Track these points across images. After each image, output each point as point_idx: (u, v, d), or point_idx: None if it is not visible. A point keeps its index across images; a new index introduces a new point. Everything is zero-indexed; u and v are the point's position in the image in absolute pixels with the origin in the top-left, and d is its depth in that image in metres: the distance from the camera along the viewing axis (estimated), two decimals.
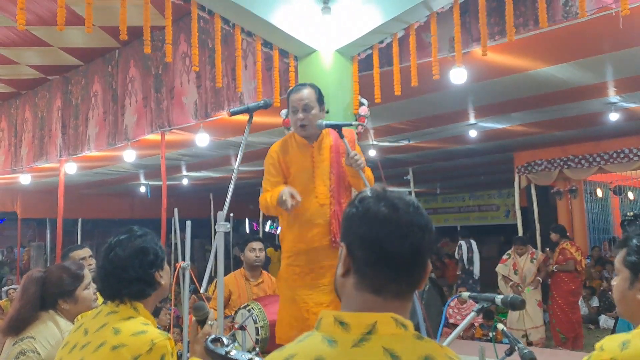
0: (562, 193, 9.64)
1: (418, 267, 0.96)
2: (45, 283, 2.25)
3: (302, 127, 2.72)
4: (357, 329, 0.91)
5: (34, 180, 9.17)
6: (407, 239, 0.93)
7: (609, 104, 6.27)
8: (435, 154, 9.18)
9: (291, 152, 2.80)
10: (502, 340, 2.89)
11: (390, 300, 0.95)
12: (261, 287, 4.03)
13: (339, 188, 2.75)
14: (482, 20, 3.41)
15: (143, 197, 13.00)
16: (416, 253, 0.95)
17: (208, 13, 3.60)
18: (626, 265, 1.50)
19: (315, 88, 2.78)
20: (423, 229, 0.95)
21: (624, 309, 1.53)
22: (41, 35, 5.24)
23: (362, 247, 0.96)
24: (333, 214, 2.70)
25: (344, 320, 0.93)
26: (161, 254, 1.72)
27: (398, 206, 0.96)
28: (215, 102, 4.92)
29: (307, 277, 2.73)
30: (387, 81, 3.87)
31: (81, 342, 1.57)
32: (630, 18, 3.08)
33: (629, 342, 1.35)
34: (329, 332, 0.93)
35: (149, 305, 1.68)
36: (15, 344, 2.12)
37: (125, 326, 1.55)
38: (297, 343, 0.96)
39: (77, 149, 6.41)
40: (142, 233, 1.72)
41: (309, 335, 0.96)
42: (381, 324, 0.91)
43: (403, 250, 0.93)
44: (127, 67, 5.79)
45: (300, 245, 2.73)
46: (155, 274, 1.68)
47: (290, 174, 2.77)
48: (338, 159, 2.76)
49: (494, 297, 2.07)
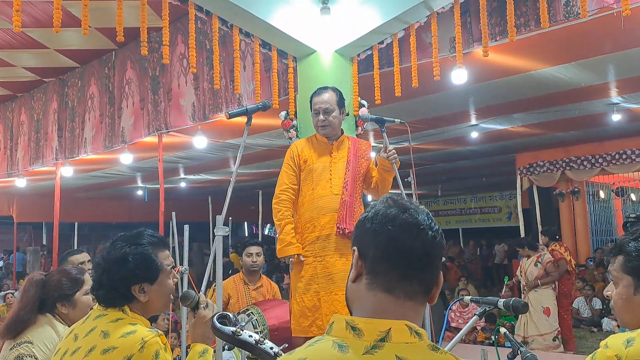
0: (564, 195, 9.60)
1: (429, 267, 0.95)
2: (46, 286, 2.23)
3: (322, 128, 2.96)
4: (370, 335, 0.88)
5: (30, 183, 9.12)
6: (419, 237, 0.94)
7: (611, 105, 6.24)
8: (436, 155, 9.15)
9: (312, 147, 3.02)
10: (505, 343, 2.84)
11: (403, 301, 0.93)
12: (260, 292, 3.98)
13: (353, 183, 2.95)
14: (483, 20, 3.37)
15: (140, 201, 12.96)
16: (427, 253, 0.94)
17: (206, 14, 3.55)
18: (627, 272, 1.46)
19: (337, 91, 3.00)
20: (434, 232, 0.96)
21: (629, 316, 1.48)
22: (37, 37, 5.20)
23: (373, 244, 0.96)
24: (343, 203, 2.89)
25: (357, 326, 0.90)
26: (145, 270, 1.59)
27: (408, 208, 0.97)
28: (213, 104, 4.88)
29: (318, 266, 2.87)
30: (388, 82, 3.82)
31: (72, 347, 1.55)
32: (632, 18, 3.05)
33: (633, 339, 1.34)
34: (341, 337, 0.90)
35: (137, 310, 1.61)
36: (12, 348, 2.09)
37: (113, 328, 1.52)
38: (308, 347, 0.92)
39: (74, 152, 6.37)
40: (138, 242, 1.62)
41: (319, 340, 0.92)
42: (395, 331, 0.88)
43: (414, 247, 0.93)
44: (124, 69, 5.74)
45: (312, 234, 2.90)
46: (133, 288, 1.58)
47: (305, 166, 2.98)
48: (355, 161, 2.98)
49: (497, 301, 2.03)
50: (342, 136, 3.05)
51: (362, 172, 3.01)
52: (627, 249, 1.47)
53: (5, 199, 11.59)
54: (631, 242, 1.47)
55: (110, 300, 1.59)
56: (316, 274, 2.86)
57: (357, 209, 2.94)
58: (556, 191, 9.69)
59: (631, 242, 1.47)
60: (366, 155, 3.06)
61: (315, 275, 2.86)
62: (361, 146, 3.07)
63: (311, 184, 2.95)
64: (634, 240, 1.47)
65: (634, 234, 1.50)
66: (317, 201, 2.90)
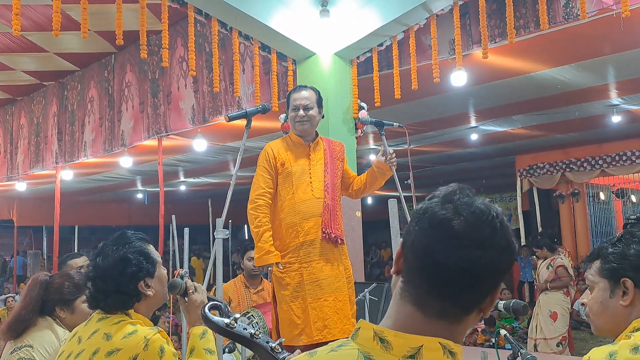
0: (564, 196, 9.59)
1: (471, 288, 0.82)
2: (48, 288, 2.24)
3: (300, 123, 2.83)
4: (399, 351, 0.81)
5: (30, 187, 9.12)
6: (460, 252, 0.81)
7: (610, 106, 6.24)
8: (436, 157, 9.14)
9: (288, 149, 2.88)
10: (505, 346, 2.83)
11: (433, 319, 0.83)
12: (261, 295, 3.97)
13: (333, 186, 2.85)
14: (483, 22, 3.37)
15: (140, 204, 12.95)
16: (468, 271, 0.81)
17: (205, 17, 3.56)
18: (603, 275, 1.46)
19: (316, 91, 2.90)
20: (485, 247, 0.81)
21: (605, 321, 1.47)
22: (37, 40, 5.20)
23: (412, 248, 0.85)
24: (326, 207, 2.77)
25: (386, 338, 0.82)
26: (146, 264, 1.63)
27: (462, 212, 0.83)
28: (212, 107, 4.88)
29: (305, 273, 2.74)
30: (387, 84, 3.82)
31: (75, 350, 1.56)
32: (631, 20, 3.05)
33: (616, 353, 1.32)
34: (367, 348, 0.83)
35: (140, 311, 1.64)
36: (13, 351, 2.10)
37: (115, 330, 1.54)
38: (330, 351, 0.85)
39: (73, 156, 6.36)
40: (128, 241, 1.65)
41: (343, 345, 0.85)
42: (427, 349, 0.81)
43: (450, 263, 0.81)
44: (124, 72, 5.74)
45: (295, 240, 2.77)
46: (139, 284, 1.61)
47: (283, 170, 2.85)
48: (332, 162, 2.88)
49: (497, 303, 2.02)
50: (317, 137, 2.94)
51: (338, 174, 2.93)
52: (604, 253, 1.48)
53: (5, 203, 11.58)
54: (610, 247, 1.48)
55: (122, 304, 1.60)
56: (303, 281, 2.74)
57: (339, 212, 2.87)
58: (556, 193, 9.68)
59: (610, 247, 1.48)
60: (340, 156, 2.98)
61: (302, 282, 2.74)
62: (335, 147, 2.98)
63: (291, 188, 2.82)
64: (613, 245, 1.48)
65: (611, 240, 1.51)
66: (298, 206, 2.78)
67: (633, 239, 1.47)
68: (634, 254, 1.44)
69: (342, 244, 2.80)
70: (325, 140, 2.97)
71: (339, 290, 2.74)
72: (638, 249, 1.44)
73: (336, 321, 2.72)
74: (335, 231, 2.76)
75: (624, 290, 1.42)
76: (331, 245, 2.75)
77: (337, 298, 2.73)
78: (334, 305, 2.72)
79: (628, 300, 1.42)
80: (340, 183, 2.94)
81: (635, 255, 1.44)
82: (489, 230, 0.82)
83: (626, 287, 1.42)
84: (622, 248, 1.46)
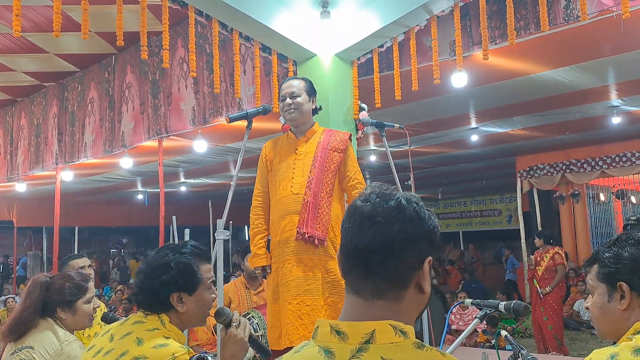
0: (564, 197, 9.60)
1: (392, 260, 0.90)
2: (49, 289, 2.25)
3: (288, 112, 2.70)
4: (355, 339, 0.87)
5: (30, 188, 9.12)
6: (371, 229, 0.90)
7: (611, 108, 6.24)
8: (436, 158, 9.14)
9: (279, 146, 2.82)
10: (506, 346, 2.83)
11: (374, 301, 0.90)
12: (261, 296, 3.98)
13: (318, 182, 2.62)
14: (483, 23, 3.37)
15: (141, 205, 12.94)
16: (383, 244, 0.89)
17: (205, 18, 3.55)
18: (601, 279, 1.47)
19: (308, 81, 2.80)
20: (392, 220, 0.90)
21: (605, 326, 1.48)
22: (37, 41, 5.20)
23: (341, 246, 0.95)
24: (305, 204, 2.58)
25: (341, 330, 0.89)
26: (183, 279, 1.59)
27: (370, 198, 0.93)
28: (213, 108, 4.87)
29: (279, 273, 2.63)
30: (388, 85, 3.82)
31: (106, 347, 1.57)
32: (632, 21, 3.05)
33: (617, 354, 1.32)
34: (326, 342, 0.89)
35: (174, 321, 1.62)
36: (14, 353, 2.10)
37: (148, 337, 1.53)
38: (294, 354, 0.92)
39: (74, 156, 6.36)
40: (182, 251, 1.63)
41: (305, 345, 0.92)
42: (379, 332, 0.87)
43: (366, 241, 0.89)
44: (124, 73, 5.75)
45: (275, 238, 2.67)
46: (171, 295, 1.59)
47: (272, 167, 2.77)
48: (324, 155, 2.68)
49: (498, 304, 2.03)
50: (312, 128, 2.77)
51: (332, 168, 2.66)
52: (601, 257, 1.48)
53: (5, 204, 11.57)
54: (606, 251, 1.48)
55: (149, 306, 1.61)
56: (277, 283, 2.63)
57: (325, 210, 2.59)
58: (556, 194, 9.69)
59: (606, 251, 1.48)
60: (339, 147, 2.70)
61: (277, 284, 2.63)
62: (336, 137, 2.74)
63: (274, 185, 2.72)
64: (608, 249, 1.48)
65: (609, 243, 1.51)
66: (278, 203, 2.66)
67: (628, 241, 1.46)
68: (629, 257, 1.43)
69: (322, 245, 2.55)
70: (327, 131, 2.81)
71: (307, 294, 2.51)
72: (632, 251, 1.43)
73: (297, 327, 2.49)
74: (312, 231, 2.52)
75: (621, 294, 1.42)
76: (309, 245, 2.53)
77: (303, 302, 2.51)
78: (298, 309, 2.51)
79: (625, 304, 1.41)
80: (334, 177, 2.68)
81: (629, 258, 1.43)
82: (395, 204, 0.91)
83: (623, 290, 1.41)
84: (617, 251, 1.46)
